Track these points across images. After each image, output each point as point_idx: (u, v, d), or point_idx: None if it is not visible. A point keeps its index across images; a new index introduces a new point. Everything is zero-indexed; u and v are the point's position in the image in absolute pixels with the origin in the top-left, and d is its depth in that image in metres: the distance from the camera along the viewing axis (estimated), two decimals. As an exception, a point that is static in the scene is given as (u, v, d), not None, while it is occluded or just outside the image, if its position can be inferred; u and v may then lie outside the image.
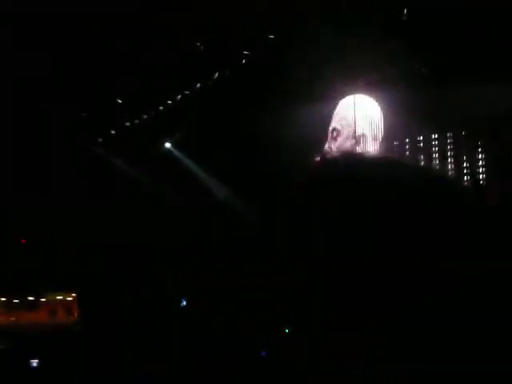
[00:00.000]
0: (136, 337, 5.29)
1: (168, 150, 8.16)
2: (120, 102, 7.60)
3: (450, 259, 5.03)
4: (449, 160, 6.78)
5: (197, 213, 6.45)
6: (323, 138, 7.62)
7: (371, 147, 7.33)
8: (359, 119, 7.53)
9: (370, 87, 7.85)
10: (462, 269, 4.90)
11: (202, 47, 7.40)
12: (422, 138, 8.16)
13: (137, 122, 7.82)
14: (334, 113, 7.95)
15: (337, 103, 8.08)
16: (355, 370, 4.71)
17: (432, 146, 7.75)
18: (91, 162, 7.65)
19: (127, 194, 7.22)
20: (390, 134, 8.54)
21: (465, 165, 6.72)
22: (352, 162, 5.18)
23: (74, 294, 6.18)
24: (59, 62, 7.00)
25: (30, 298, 6.30)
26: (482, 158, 6.75)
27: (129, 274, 6.04)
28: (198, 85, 7.90)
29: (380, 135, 7.53)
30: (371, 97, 7.97)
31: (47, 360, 5.43)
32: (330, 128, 7.49)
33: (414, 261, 5.07)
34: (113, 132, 7.97)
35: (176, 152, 8.34)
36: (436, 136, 7.97)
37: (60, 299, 6.26)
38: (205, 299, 5.45)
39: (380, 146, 7.47)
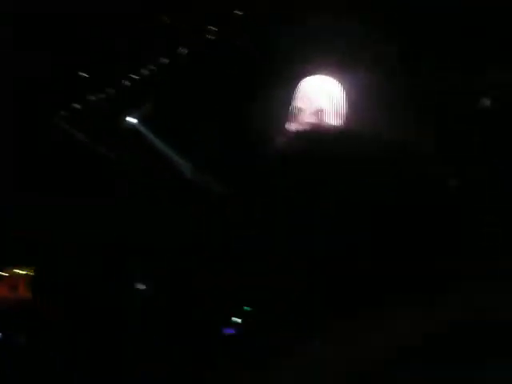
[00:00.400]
0: (133, 336, 5.31)
1: (134, 125, 8.13)
2: (84, 75, 7.56)
3: (443, 256, 5.05)
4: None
5: (196, 212, 6.47)
6: (286, 116, 7.72)
7: (333, 123, 7.47)
8: (322, 98, 7.63)
9: (332, 68, 7.98)
10: (462, 268, 4.91)
11: (168, 21, 7.45)
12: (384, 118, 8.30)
13: (102, 96, 7.79)
14: (297, 92, 8.03)
15: (299, 83, 8.17)
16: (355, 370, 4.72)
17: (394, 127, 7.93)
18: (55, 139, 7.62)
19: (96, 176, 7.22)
20: (353, 112, 8.70)
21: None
22: (316, 135, 5.18)
23: (31, 269, 6.17)
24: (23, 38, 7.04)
25: None
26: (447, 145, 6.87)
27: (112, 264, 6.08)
28: (165, 60, 7.91)
29: (343, 113, 7.65)
30: (334, 78, 8.09)
31: (8, 334, 5.46)
32: (293, 106, 7.57)
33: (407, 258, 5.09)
34: (77, 106, 7.92)
35: (143, 128, 8.32)
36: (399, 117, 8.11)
37: (21, 274, 6.24)
38: (204, 299, 5.47)
39: (342, 123, 7.62)
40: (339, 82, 8.03)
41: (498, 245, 5.16)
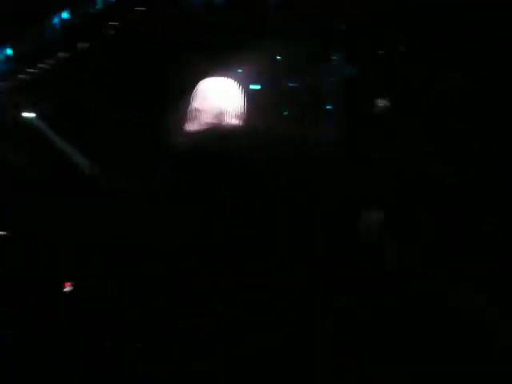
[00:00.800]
0: (133, 336, 5.30)
1: (32, 120, 8.07)
2: None
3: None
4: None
5: (196, 211, 6.46)
6: (185, 119, 7.72)
7: (233, 123, 7.50)
8: (220, 98, 7.67)
9: (230, 68, 8.00)
10: (463, 267, 4.91)
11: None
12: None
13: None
14: (196, 93, 8.01)
15: (198, 84, 8.16)
16: (356, 370, 4.72)
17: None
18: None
19: None
20: (251, 111, 8.74)
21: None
22: (215, 135, 5.25)
23: None
24: None
25: None
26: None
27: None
28: (63, 54, 7.86)
29: (241, 113, 7.68)
30: (231, 78, 8.09)
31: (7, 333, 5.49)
32: (191, 108, 7.57)
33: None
34: None
35: (41, 123, 8.26)
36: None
37: None
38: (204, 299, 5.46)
39: (241, 122, 7.67)
40: (237, 82, 8.06)
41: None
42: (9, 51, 7.87)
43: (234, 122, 7.33)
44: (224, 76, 8.26)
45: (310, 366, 4.88)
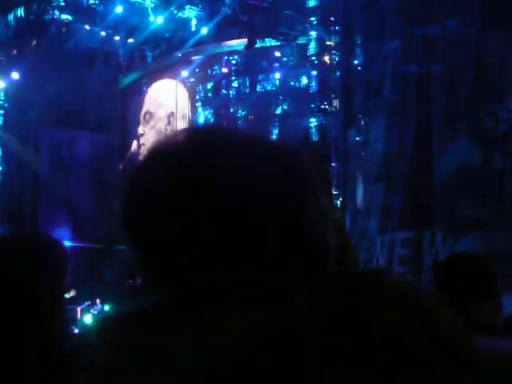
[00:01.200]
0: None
1: None
2: None
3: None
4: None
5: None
6: (138, 123, 7.82)
7: (181, 125, 7.67)
8: (167, 101, 7.78)
9: (176, 71, 8.12)
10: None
11: None
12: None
13: None
14: (146, 98, 8.14)
15: (149, 88, 8.28)
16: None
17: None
18: None
19: None
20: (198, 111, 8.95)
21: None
22: (166, 138, 5.43)
23: None
24: None
25: None
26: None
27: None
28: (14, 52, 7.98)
29: (189, 114, 7.83)
30: (177, 80, 8.21)
31: None
32: (143, 112, 7.72)
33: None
34: None
35: None
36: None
37: None
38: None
39: (189, 124, 7.86)
40: (183, 84, 8.11)
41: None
42: None
43: (185, 125, 7.30)
44: (174, 78, 8.19)
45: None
